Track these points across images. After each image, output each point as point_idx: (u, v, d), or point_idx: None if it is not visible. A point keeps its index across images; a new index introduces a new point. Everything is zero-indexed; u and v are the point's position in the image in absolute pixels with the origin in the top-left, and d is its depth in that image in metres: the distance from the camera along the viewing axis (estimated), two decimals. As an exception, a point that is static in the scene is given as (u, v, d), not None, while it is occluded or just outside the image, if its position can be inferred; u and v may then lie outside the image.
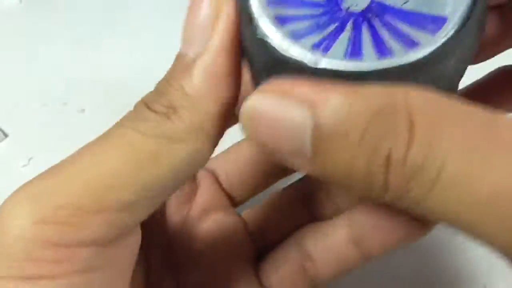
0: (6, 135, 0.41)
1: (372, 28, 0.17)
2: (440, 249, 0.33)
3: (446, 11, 0.16)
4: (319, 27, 0.17)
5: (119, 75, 0.42)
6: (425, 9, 0.17)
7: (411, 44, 0.16)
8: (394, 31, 0.17)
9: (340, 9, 0.18)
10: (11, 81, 0.45)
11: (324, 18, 0.17)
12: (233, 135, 0.21)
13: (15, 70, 0.46)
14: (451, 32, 0.15)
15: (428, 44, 0.15)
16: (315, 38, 0.17)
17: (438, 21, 0.17)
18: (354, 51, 0.17)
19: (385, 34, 0.17)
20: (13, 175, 0.37)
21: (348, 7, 0.17)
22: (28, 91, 0.45)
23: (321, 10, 0.18)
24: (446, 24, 0.16)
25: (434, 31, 0.16)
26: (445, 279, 0.32)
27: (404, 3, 0.17)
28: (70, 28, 0.50)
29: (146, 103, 0.16)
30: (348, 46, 0.17)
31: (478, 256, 0.33)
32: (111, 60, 0.25)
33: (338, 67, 0.15)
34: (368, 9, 0.17)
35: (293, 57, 0.15)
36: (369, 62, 0.15)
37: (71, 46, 0.21)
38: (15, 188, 0.17)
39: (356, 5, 0.17)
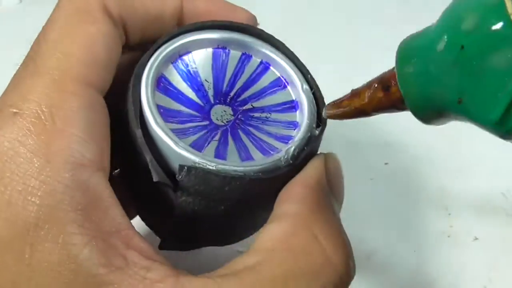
0: (6, 135, 0.41)
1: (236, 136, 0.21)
2: (440, 249, 0.33)
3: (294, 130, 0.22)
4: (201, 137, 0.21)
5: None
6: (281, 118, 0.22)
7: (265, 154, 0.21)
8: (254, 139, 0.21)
9: (210, 121, 0.21)
10: (11, 81, 0.45)
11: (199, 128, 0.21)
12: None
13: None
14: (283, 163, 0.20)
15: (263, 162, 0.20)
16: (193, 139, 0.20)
17: (293, 123, 0.22)
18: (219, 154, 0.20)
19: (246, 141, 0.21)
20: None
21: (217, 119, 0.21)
22: (28, 91, 0.44)
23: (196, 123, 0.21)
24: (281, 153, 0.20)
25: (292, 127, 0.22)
26: (445, 279, 0.32)
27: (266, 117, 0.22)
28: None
29: None
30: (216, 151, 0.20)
31: (478, 256, 0.33)
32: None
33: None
34: (234, 120, 0.21)
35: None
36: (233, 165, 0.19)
37: (71, 46, 0.21)
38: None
39: (223, 119, 0.21)
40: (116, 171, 0.23)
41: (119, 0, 0.20)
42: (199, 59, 0.22)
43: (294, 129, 0.22)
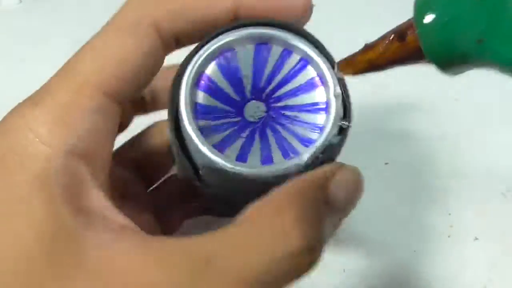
0: (6, 135, 0.41)
1: (264, 136, 0.22)
2: (440, 249, 0.33)
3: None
4: (231, 136, 0.22)
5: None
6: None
7: (288, 154, 0.22)
8: (286, 135, 0.22)
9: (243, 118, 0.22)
10: (11, 81, 0.45)
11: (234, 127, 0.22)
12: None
13: (15, 70, 0.46)
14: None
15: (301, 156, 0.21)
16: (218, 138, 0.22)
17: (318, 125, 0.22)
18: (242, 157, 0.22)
19: (272, 143, 0.22)
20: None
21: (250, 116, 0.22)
22: (28, 91, 0.45)
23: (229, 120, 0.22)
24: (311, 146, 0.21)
25: (317, 129, 0.22)
26: (445, 279, 0.32)
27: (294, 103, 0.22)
28: (70, 28, 0.50)
29: None
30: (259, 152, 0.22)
31: (478, 256, 0.33)
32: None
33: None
34: (267, 117, 0.22)
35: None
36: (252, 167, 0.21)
37: (71, 46, 0.21)
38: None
39: (255, 115, 0.22)
40: None
41: (172, 16, 0.21)
42: (241, 56, 0.22)
43: (318, 133, 0.22)
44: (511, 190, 0.36)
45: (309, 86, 0.23)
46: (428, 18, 0.16)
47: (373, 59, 0.18)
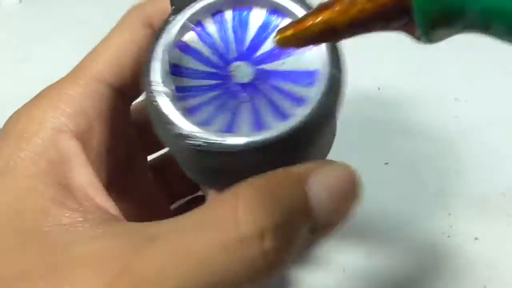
0: (6, 135, 0.41)
1: (253, 103, 0.21)
2: (440, 249, 0.33)
3: (315, 66, 0.20)
4: (218, 106, 0.21)
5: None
6: (298, 67, 0.21)
7: (282, 117, 0.20)
8: (278, 93, 0.21)
9: (230, 82, 0.21)
10: (11, 81, 0.45)
11: (218, 92, 0.21)
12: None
13: (15, 70, 0.46)
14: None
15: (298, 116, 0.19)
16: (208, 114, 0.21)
17: (310, 75, 0.20)
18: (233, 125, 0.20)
19: (263, 108, 0.20)
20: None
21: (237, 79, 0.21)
22: (28, 91, 0.45)
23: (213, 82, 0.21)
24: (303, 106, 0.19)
25: (309, 85, 0.20)
26: (445, 279, 0.32)
27: (282, 63, 0.21)
28: (70, 28, 0.50)
29: None
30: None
31: (478, 256, 0.33)
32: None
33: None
34: (254, 79, 0.21)
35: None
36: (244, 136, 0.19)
37: (71, 46, 0.21)
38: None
39: (243, 77, 0.21)
40: None
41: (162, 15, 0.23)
42: (220, 20, 0.22)
43: (310, 88, 0.20)
44: (511, 190, 0.36)
45: None
46: None
47: (331, 20, 0.13)
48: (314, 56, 0.20)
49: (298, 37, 0.14)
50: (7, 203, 0.19)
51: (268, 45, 0.22)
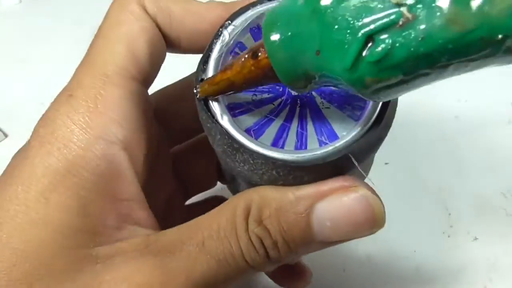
0: (6, 135, 0.41)
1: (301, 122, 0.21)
2: (440, 249, 0.33)
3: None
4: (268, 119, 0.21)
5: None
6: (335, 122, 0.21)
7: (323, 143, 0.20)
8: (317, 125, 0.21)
9: (283, 87, 0.21)
10: (11, 81, 0.45)
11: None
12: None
13: (15, 70, 0.46)
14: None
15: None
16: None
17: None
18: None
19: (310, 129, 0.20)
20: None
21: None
22: (28, 91, 0.45)
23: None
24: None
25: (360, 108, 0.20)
26: (445, 279, 0.32)
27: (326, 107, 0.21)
28: (70, 28, 0.50)
29: None
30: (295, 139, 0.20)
31: (478, 256, 0.33)
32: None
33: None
34: (303, 96, 0.21)
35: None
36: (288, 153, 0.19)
37: (71, 46, 0.21)
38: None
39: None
40: None
41: (156, 5, 0.22)
42: None
43: (355, 121, 0.20)
44: (511, 190, 0.36)
45: None
46: (274, 37, 0.17)
47: (231, 77, 0.18)
48: None
49: (211, 89, 0.19)
50: (58, 222, 0.18)
51: None
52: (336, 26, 0.15)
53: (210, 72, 0.20)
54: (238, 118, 0.20)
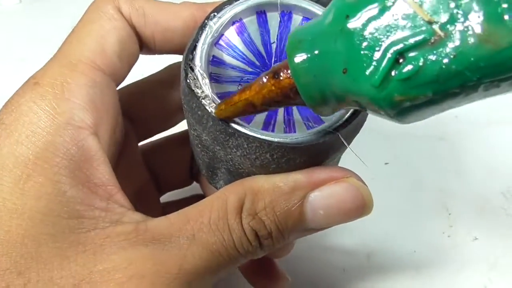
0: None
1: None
2: (440, 249, 0.34)
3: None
4: None
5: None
6: None
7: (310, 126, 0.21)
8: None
9: None
10: (11, 81, 0.45)
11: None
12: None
13: (15, 70, 0.46)
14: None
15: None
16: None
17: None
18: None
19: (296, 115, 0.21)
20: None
21: None
22: (28, 91, 0.45)
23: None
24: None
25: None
26: (445, 279, 0.32)
27: None
28: (70, 28, 0.50)
29: None
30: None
31: (478, 256, 0.33)
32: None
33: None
34: None
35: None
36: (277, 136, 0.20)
37: (71, 46, 0.22)
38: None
39: None
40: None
41: (130, 6, 0.23)
42: (264, 22, 0.22)
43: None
44: (511, 190, 0.36)
45: None
46: (299, 57, 0.16)
47: (250, 98, 0.18)
48: None
49: (229, 110, 0.19)
50: (36, 210, 0.18)
51: None
52: (365, 44, 0.15)
53: (197, 61, 0.20)
54: None
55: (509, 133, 0.39)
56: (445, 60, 0.14)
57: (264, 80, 0.18)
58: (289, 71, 0.17)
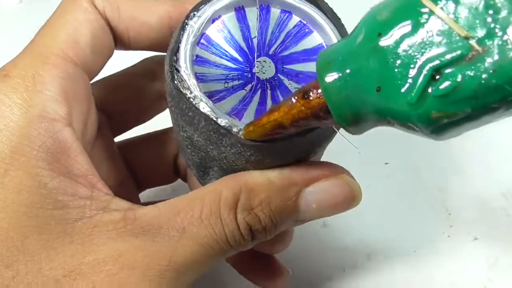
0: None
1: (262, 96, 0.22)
2: (440, 249, 0.34)
3: None
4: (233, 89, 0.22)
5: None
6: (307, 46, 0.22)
7: None
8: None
9: (251, 73, 0.22)
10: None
11: (236, 80, 0.22)
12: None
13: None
14: None
15: None
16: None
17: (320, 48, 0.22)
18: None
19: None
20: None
21: (257, 72, 0.22)
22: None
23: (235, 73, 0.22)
24: None
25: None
26: (445, 279, 0.32)
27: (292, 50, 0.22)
28: (70, 28, 0.50)
29: None
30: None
31: (478, 256, 0.33)
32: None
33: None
34: (271, 79, 0.22)
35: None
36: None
37: (71, 46, 0.22)
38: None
39: (264, 72, 0.22)
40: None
41: (105, 0, 0.23)
42: (243, 17, 0.23)
43: None
44: (511, 190, 0.36)
45: (316, 51, 0.22)
46: (330, 76, 0.16)
47: (279, 118, 0.18)
48: (317, 35, 0.23)
49: (257, 132, 0.19)
50: (18, 203, 0.18)
51: (280, 40, 0.23)
52: (399, 62, 0.14)
53: (182, 62, 0.20)
54: (217, 104, 0.20)
55: (509, 133, 0.39)
56: (484, 75, 0.14)
57: (293, 100, 0.18)
58: (319, 91, 0.17)
